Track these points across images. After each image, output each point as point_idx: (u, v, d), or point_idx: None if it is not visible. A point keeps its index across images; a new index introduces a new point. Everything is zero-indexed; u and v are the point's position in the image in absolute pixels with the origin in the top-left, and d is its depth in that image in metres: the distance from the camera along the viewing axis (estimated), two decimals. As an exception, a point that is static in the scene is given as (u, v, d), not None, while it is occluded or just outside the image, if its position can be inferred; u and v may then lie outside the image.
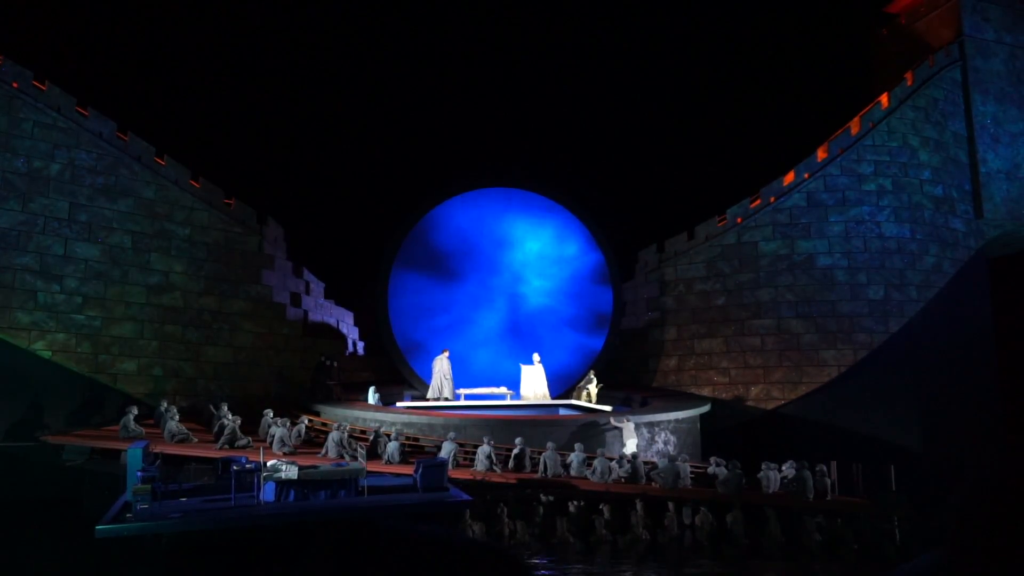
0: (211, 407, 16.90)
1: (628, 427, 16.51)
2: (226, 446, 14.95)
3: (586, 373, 21.56)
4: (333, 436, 14.96)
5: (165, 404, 16.20)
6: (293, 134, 27.44)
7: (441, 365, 20.62)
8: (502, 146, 27.82)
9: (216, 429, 15.73)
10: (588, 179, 27.09)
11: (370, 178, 27.04)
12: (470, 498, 12.09)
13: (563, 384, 22.48)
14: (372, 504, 11.56)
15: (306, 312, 22.13)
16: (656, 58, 30.29)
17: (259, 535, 10.99)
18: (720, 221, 22.85)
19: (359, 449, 14.91)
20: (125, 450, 13.50)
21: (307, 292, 22.70)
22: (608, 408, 19.27)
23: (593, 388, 20.71)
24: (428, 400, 20.34)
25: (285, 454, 14.38)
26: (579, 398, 20.63)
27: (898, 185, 22.00)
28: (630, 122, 29.79)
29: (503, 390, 20.73)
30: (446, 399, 20.24)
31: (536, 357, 21.43)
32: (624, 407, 19.80)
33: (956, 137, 23.53)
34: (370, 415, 17.44)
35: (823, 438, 19.68)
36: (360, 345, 25.16)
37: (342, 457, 14.38)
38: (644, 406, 19.57)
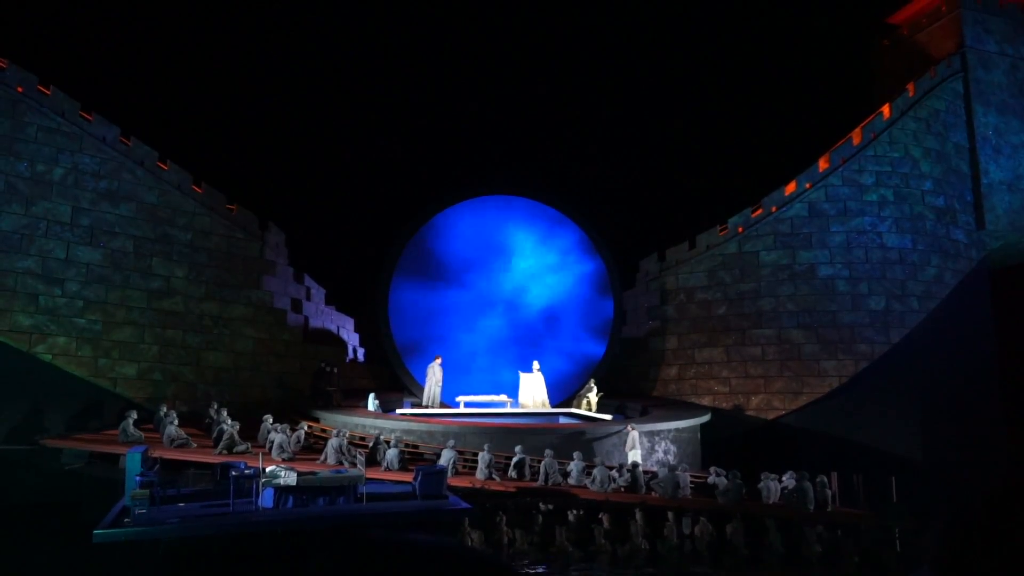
0: (210, 412, 16.90)
1: (632, 435, 16.53)
2: (225, 451, 14.95)
3: (586, 382, 21.55)
4: (332, 443, 14.96)
5: (164, 409, 16.22)
6: (295, 140, 27.57)
7: (434, 372, 20.63)
8: (504, 154, 27.93)
9: (215, 434, 15.74)
10: (589, 187, 27.18)
11: (372, 185, 27.13)
12: (469, 506, 12.08)
13: (563, 392, 22.47)
14: (371, 511, 11.54)
15: (307, 318, 22.17)
16: (658, 68, 30.45)
17: (258, 541, 10.98)
18: (721, 230, 22.91)
19: (358, 456, 14.90)
20: (124, 454, 13.53)
21: (308, 298, 22.76)
22: (608, 417, 19.27)
23: (593, 397, 20.69)
24: (423, 407, 20.33)
25: (284, 460, 14.38)
26: (579, 406, 20.62)
27: (899, 196, 22.07)
28: (632, 131, 29.91)
29: (503, 398, 20.72)
30: (441, 405, 20.27)
31: (536, 365, 21.44)
32: (620, 416, 19.78)
33: (958, 148, 23.61)
34: (369, 422, 17.45)
35: (824, 449, 19.65)
36: (360, 352, 25.19)
37: (341, 464, 14.37)
38: (644, 415, 19.57)
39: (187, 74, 26.44)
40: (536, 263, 24.34)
